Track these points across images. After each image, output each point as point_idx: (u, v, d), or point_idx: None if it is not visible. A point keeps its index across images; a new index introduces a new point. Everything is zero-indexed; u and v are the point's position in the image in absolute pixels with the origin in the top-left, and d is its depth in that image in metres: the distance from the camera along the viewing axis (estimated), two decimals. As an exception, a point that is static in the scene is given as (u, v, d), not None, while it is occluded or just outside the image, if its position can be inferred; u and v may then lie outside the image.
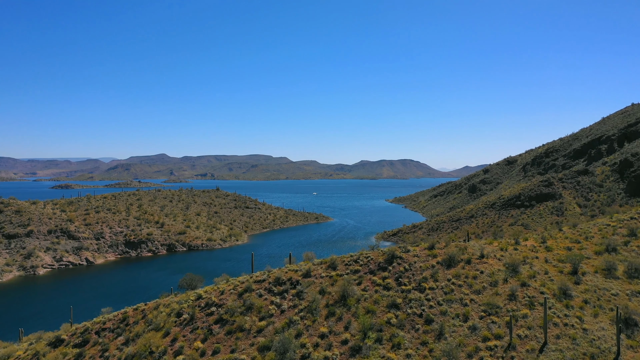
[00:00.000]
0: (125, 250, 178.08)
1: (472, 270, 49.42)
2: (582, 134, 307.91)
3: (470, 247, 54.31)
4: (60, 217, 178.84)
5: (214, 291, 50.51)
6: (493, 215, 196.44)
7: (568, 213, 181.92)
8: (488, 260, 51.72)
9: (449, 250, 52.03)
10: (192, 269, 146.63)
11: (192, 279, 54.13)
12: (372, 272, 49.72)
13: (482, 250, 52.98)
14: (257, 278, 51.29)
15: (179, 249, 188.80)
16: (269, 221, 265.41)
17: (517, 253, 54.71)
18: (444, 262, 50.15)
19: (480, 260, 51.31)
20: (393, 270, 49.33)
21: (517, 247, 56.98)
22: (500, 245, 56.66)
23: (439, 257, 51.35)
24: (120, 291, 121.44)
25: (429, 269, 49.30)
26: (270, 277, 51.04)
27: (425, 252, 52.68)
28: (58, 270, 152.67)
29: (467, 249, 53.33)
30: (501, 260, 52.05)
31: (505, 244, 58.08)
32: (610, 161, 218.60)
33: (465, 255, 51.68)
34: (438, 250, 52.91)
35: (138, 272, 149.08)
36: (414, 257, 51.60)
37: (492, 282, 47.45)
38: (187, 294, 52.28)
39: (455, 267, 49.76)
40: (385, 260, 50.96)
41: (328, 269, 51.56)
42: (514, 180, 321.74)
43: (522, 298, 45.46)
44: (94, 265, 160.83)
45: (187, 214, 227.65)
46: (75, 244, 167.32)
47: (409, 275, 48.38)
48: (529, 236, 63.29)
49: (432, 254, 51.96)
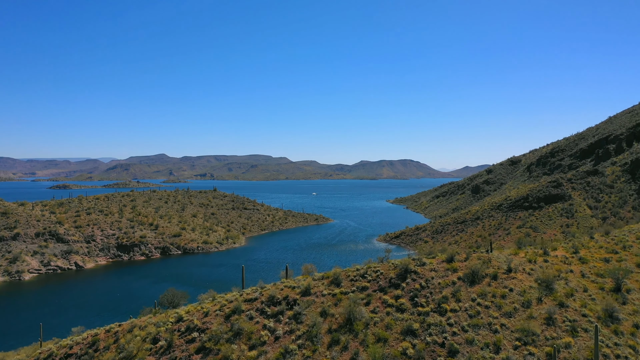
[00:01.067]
0: (117, 254, 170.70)
1: (499, 287, 42.20)
2: (589, 134, 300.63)
3: (495, 259, 47.08)
4: (49, 219, 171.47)
5: (197, 312, 43.24)
6: (500, 217, 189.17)
7: (578, 215, 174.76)
8: (517, 274, 44.51)
9: (471, 263, 44.81)
10: (181, 276, 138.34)
11: (174, 295, 46.95)
12: (383, 289, 42.47)
13: (509, 263, 45.75)
14: (247, 296, 44.02)
15: (174, 253, 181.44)
16: (267, 223, 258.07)
17: (549, 266, 47.51)
18: (467, 278, 42.92)
19: (507, 275, 44.10)
20: (407, 288, 42.08)
21: (546, 259, 49.78)
22: (527, 257, 49.44)
23: (459, 272, 44.11)
24: (102, 302, 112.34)
25: (450, 286, 42.06)
26: (263, 294, 43.77)
27: (444, 265, 45.43)
28: (45, 276, 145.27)
29: (491, 262, 46.12)
30: (531, 275, 44.84)
31: (533, 254, 50.88)
32: (619, 161, 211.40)
33: (490, 269, 44.46)
34: (458, 263, 45.66)
35: (126, 279, 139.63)
36: (430, 271, 44.35)
37: (524, 303, 40.23)
38: (167, 314, 45.03)
39: (480, 283, 42.53)
40: (398, 276, 43.73)
41: (331, 285, 44.32)
42: (519, 180, 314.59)
43: (561, 322, 38.24)
44: (83, 270, 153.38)
45: (182, 216, 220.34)
46: (64, 248, 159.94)
47: (426, 294, 41.13)
48: (558, 245, 56.07)
49: (452, 267, 44.71)
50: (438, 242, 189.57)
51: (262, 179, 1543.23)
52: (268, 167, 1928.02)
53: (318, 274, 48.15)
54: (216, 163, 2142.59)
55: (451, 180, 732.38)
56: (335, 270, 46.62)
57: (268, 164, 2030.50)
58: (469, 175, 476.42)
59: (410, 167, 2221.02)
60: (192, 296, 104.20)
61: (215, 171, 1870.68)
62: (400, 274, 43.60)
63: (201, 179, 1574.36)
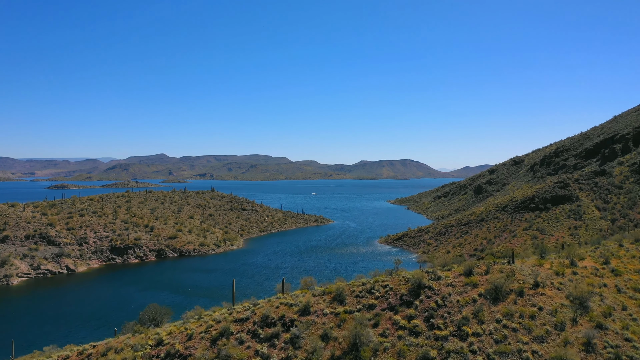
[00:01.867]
0: (111, 257, 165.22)
1: (527, 305, 36.74)
2: (593, 133, 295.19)
3: (519, 271, 41.62)
4: (40, 220, 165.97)
5: (180, 334, 37.74)
6: (505, 219, 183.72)
7: (586, 217, 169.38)
8: (545, 290, 39.05)
9: (493, 277, 39.37)
10: (172, 283, 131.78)
11: (157, 311, 41.56)
12: (393, 308, 37.01)
13: (536, 276, 40.29)
14: (238, 315, 38.54)
15: (169, 255, 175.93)
16: (266, 224, 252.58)
17: (579, 279, 42.05)
18: (489, 295, 37.45)
19: (535, 291, 38.64)
20: (421, 307, 36.61)
21: (575, 270, 44.32)
22: (554, 268, 43.99)
23: (480, 287, 38.64)
24: (85, 312, 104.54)
25: (470, 304, 36.60)
26: (256, 313, 38.28)
27: (462, 279, 39.97)
28: (35, 280, 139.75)
29: (514, 275, 40.67)
30: (561, 290, 39.39)
31: (559, 265, 45.43)
32: (627, 161, 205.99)
33: (514, 284, 39.00)
34: (478, 277, 40.20)
35: (114, 284, 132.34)
36: (447, 286, 38.88)
37: (557, 324, 34.76)
38: (147, 334, 39.58)
39: (504, 301, 37.07)
40: (410, 292, 38.26)
41: (333, 302, 38.86)
42: (522, 181, 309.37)
43: (602, 348, 32.77)
44: (74, 274, 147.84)
45: (179, 217, 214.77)
46: (55, 251, 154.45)
47: (443, 314, 35.66)
48: (585, 253, 50.58)
49: (471, 282, 39.24)
50: (442, 245, 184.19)
51: (261, 179, 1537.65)
52: (268, 167, 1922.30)
53: (319, 287, 42.69)
54: (216, 163, 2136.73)
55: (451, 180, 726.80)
56: (338, 284, 41.18)
57: (268, 164, 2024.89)
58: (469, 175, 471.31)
59: (410, 167, 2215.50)
60: (180, 307, 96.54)
61: (215, 171, 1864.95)
62: (413, 290, 38.15)
63: (201, 179, 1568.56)
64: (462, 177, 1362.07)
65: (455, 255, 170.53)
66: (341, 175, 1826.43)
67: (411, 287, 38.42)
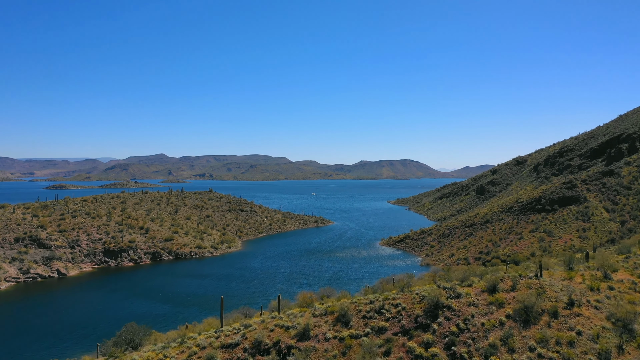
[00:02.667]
0: (104, 260, 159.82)
1: (563, 329, 31.45)
2: (598, 132, 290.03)
3: (549, 287, 36.32)
4: (30, 222, 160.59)
5: (158, 362, 32.41)
6: (511, 221, 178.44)
7: (595, 218, 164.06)
8: (581, 309, 33.75)
9: (521, 294, 34.07)
10: (161, 290, 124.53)
11: (134, 333, 36.35)
12: (407, 332, 31.73)
13: (570, 293, 35.00)
14: (226, 340, 33.22)
15: (165, 258, 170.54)
16: (265, 225, 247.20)
17: (618, 296, 36.73)
18: (518, 316, 32.16)
19: (570, 311, 33.33)
20: (440, 331, 31.32)
21: (611, 285, 39.01)
22: (587, 282, 38.68)
23: (507, 307, 33.34)
24: (70, 321, 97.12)
25: (497, 327, 31.31)
26: (247, 338, 32.96)
27: (485, 297, 34.67)
28: (24, 284, 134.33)
29: (545, 291, 35.38)
30: (600, 310, 34.08)
31: (591, 278, 40.13)
32: (634, 161, 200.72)
33: (546, 303, 33.70)
34: (504, 294, 34.89)
35: (101, 291, 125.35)
36: (469, 306, 33.57)
37: (601, 353, 29.48)
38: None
39: (537, 323, 31.78)
40: (426, 312, 32.95)
41: (336, 323, 33.54)
42: (525, 181, 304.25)
43: (658, 384, 27.43)
44: (65, 278, 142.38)
45: (175, 219, 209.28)
46: (46, 254, 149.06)
47: (466, 340, 30.36)
48: (618, 264, 45.23)
49: (497, 300, 33.95)
50: (445, 247, 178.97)
51: (261, 179, 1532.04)
52: (267, 167, 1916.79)
53: (320, 305, 37.36)
54: (215, 163, 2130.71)
55: (452, 180, 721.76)
56: (341, 301, 35.86)
57: (267, 164, 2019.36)
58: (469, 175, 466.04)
59: (410, 167, 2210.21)
60: (167, 318, 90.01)
61: (215, 171, 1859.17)
62: (429, 310, 32.84)
63: (200, 179, 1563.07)
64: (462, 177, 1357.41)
65: (460, 258, 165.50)
66: (341, 175, 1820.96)
67: (427, 306, 33.12)
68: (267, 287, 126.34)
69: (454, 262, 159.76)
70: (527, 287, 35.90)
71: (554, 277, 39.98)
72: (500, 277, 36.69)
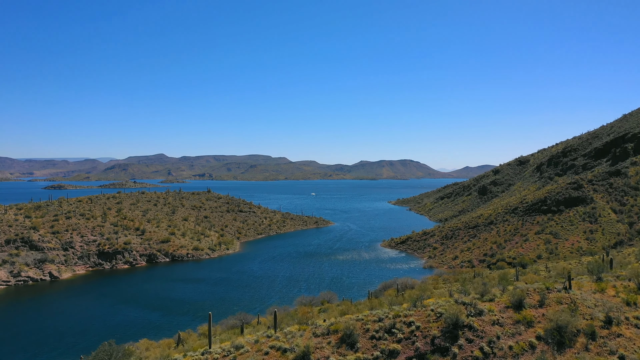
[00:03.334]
0: (98, 262, 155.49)
1: (603, 353, 27.23)
2: (603, 132, 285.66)
3: (581, 301, 32.06)
4: (23, 224, 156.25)
5: (134, 391, 28.12)
6: (516, 222, 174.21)
7: (602, 220, 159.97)
8: (620, 329, 29.50)
9: (552, 311, 29.82)
10: (151, 296, 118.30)
11: (111, 353, 32.06)
12: (422, 356, 27.46)
13: (607, 310, 30.73)
14: (214, 365, 28.92)
15: (161, 260, 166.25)
16: (264, 226, 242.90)
17: (659, 311, 32.43)
18: (551, 338, 27.90)
19: (609, 331, 29.08)
20: (462, 355, 27.05)
21: (648, 298, 34.70)
22: (621, 296, 34.37)
23: (537, 326, 29.08)
24: (56, 330, 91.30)
25: (527, 351, 27.06)
26: (239, 362, 28.68)
27: (510, 314, 30.39)
28: (14, 288, 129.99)
29: (577, 307, 31.12)
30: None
31: (625, 290, 35.82)
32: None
33: (580, 321, 29.44)
34: (531, 310, 30.61)
35: (94, 295, 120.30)
36: (493, 325, 29.29)
37: (650, 383, 25.21)
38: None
39: (572, 346, 27.54)
40: (444, 333, 28.68)
41: (341, 345, 29.28)
42: (528, 181, 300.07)
43: None
44: (58, 281, 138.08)
45: (172, 220, 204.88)
46: (38, 256, 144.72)
47: (493, 368, 26.10)
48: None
49: (524, 318, 29.68)
50: (449, 249, 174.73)
51: (261, 179, 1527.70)
52: (267, 167, 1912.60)
53: (321, 321, 33.05)
54: (215, 163, 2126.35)
55: (452, 180, 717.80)
56: (346, 319, 31.57)
57: (267, 164, 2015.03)
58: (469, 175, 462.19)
59: (410, 167, 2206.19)
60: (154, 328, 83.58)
61: (214, 171, 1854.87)
62: (448, 331, 28.56)
63: (200, 179, 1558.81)
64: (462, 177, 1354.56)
65: (464, 260, 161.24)
66: (341, 175, 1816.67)
67: (445, 325, 28.85)
68: (266, 291, 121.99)
69: (458, 265, 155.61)
70: (557, 302, 31.64)
71: (584, 289, 35.68)
72: (526, 290, 32.40)
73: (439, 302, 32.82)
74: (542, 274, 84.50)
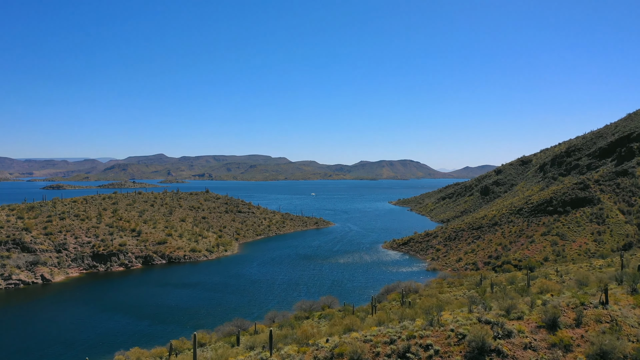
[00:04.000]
0: (92, 265, 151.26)
1: (657, 384, 22.98)
2: (607, 131, 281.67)
3: (622, 319, 27.90)
4: (15, 225, 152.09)
5: None
6: (521, 223, 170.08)
7: (610, 221, 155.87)
8: (672, 353, 25.27)
9: (592, 332, 25.65)
10: (140, 302, 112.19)
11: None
12: (444, 388, 23.26)
13: (655, 330, 26.54)
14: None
15: (157, 262, 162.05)
16: (263, 227, 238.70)
17: None
18: (594, 365, 23.73)
19: (659, 356, 24.85)
20: (490, 388, 22.85)
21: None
22: (665, 311, 30.20)
23: (576, 351, 24.91)
24: (34, 341, 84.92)
25: (568, 383, 22.85)
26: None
27: (543, 335, 26.22)
28: (5, 291, 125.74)
29: (620, 327, 26.95)
30: (695, 353, 25.58)
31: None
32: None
33: (626, 346, 25.28)
34: (567, 331, 26.44)
35: (84, 300, 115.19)
36: (524, 349, 25.11)
37: None
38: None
39: (620, 376, 23.32)
40: (468, 358, 24.51)
41: (347, 372, 25.07)
42: (531, 181, 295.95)
43: None
44: (50, 284, 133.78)
45: (169, 220, 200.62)
46: (30, 258, 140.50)
47: (529, 404, 21.90)
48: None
49: (560, 340, 25.50)
50: (452, 251, 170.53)
51: (261, 179, 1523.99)
52: (267, 167, 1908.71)
53: (324, 342, 28.88)
54: (215, 163, 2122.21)
55: (452, 180, 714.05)
56: (353, 339, 27.38)
57: (267, 164, 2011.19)
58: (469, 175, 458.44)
59: (410, 168, 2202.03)
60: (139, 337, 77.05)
61: (214, 171, 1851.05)
62: (473, 357, 24.37)
63: (200, 179, 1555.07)
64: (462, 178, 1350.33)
65: (468, 262, 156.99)
66: (341, 175, 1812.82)
67: (469, 350, 24.65)
68: (264, 295, 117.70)
69: (462, 267, 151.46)
70: (596, 320, 27.46)
71: (622, 304, 31.51)
72: (559, 307, 28.21)
73: (458, 319, 28.64)
74: (554, 279, 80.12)
